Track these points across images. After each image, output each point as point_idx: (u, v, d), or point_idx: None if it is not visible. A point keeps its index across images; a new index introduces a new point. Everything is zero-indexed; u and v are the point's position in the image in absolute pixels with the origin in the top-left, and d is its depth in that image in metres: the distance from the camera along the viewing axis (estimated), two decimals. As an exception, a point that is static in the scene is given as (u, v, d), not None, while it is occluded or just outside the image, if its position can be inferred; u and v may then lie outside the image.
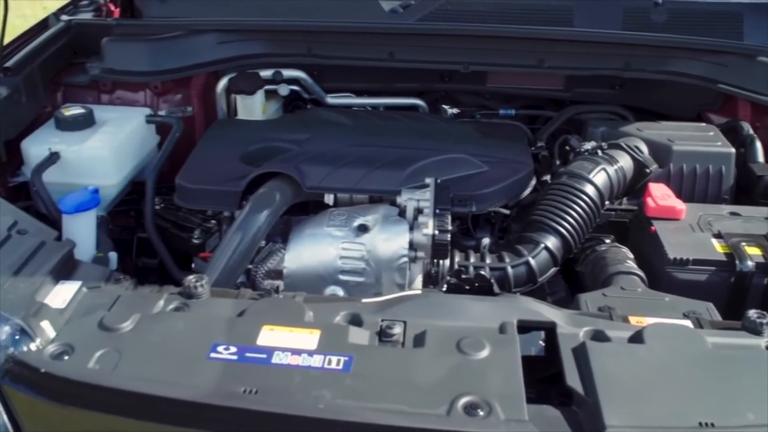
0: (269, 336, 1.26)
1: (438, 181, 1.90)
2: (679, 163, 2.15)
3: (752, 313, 1.35)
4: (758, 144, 2.24)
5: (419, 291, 1.69)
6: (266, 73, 2.49)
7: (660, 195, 1.96)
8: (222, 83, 2.50)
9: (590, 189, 1.98)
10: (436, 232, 1.77)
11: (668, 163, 2.15)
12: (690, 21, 2.44)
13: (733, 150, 2.18)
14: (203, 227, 2.14)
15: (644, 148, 2.17)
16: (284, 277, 1.80)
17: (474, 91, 2.68)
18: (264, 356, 1.21)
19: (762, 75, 2.29)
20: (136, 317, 1.31)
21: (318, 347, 1.23)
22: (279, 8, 2.50)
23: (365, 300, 1.41)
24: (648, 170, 2.10)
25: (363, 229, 1.82)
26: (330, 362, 1.20)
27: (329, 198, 1.97)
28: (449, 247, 1.79)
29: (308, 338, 1.25)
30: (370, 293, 1.73)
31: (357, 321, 1.34)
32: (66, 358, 1.23)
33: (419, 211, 1.83)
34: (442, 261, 1.86)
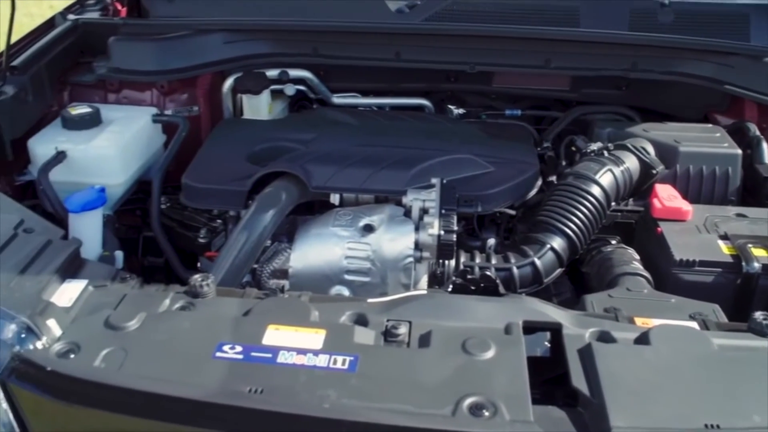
0: (275, 335, 1.26)
1: (444, 182, 1.90)
2: (686, 164, 2.14)
3: (758, 315, 1.34)
4: (765, 145, 2.23)
5: (425, 291, 1.69)
6: (272, 73, 2.49)
7: (666, 196, 1.96)
8: (228, 83, 2.50)
9: (596, 190, 1.97)
10: (442, 233, 1.77)
11: (674, 164, 2.15)
12: (696, 22, 2.44)
13: (740, 151, 2.17)
14: (209, 226, 2.14)
15: (650, 149, 2.16)
16: (290, 277, 1.80)
17: (480, 92, 2.67)
18: (269, 356, 1.21)
19: (769, 76, 2.28)
20: (142, 316, 1.31)
21: (323, 347, 1.23)
22: (285, 8, 2.51)
23: (371, 300, 1.41)
24: (654, 171, 2.09)
25: (369, 229, 1.82)
26: (335, 362, 1.20)
27: (335, 198, 1.97)
28: (455, 248, 1.79)
29: (314, 338, 1.25)
30: (376, 293, 1.73)
31: (362, 321, 1.34)
32: (72, 357, 1.23)
33: (425, 212, 1.83)
34: (448, 261, 1.85)
